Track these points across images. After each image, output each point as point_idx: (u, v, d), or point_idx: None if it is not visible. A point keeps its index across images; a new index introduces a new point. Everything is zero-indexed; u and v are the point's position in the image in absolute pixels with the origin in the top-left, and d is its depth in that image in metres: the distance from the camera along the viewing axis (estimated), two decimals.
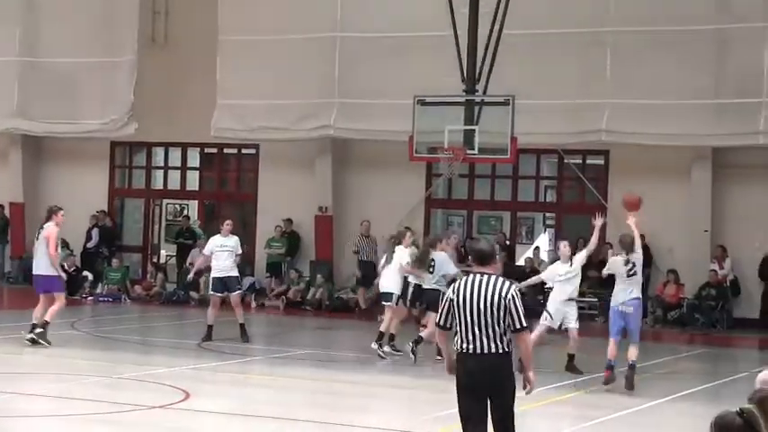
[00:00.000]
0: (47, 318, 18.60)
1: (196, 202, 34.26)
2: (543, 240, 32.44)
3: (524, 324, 8.76)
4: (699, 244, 26.86)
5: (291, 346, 20.93)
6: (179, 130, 31.00)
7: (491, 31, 24.23)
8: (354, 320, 26.57)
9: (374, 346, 18.90)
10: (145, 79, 30.14)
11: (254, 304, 28.18)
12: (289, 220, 30.04)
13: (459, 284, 8.90)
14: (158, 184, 33.47)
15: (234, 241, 20.79)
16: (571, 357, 17.83)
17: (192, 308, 28.34)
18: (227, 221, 21.22)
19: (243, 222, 31.64)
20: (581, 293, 27.92)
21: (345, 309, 28.06)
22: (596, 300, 27.49)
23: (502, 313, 8.67)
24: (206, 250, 20.88)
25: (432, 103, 24.23)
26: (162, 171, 33.40)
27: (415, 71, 26.76)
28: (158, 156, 33.33)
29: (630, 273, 16.30)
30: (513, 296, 8.72)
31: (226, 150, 32.47)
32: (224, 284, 20.45)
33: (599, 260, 27.99)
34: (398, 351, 19.04)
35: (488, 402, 8.73)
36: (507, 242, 29.43)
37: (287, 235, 30.01)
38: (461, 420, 8.83)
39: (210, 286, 20.91)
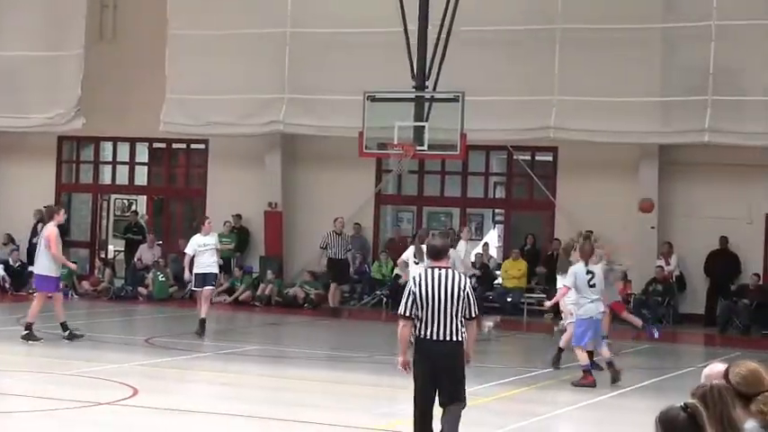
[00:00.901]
0: (59, 319, 18.97)
1: (145, 197, 34.06)
2: (492, 236, 32.58)
3: (476, 313, 9.95)
4: (646, 240, 27.10)
5: (241, 343, 20.90)
6: (127, 124, 30.80)
7: (441, 28, 24.33)
8: (304, 317, 26.55)
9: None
10: (93, 73, 29.92)
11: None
12: (238, 216, 29.96)
13: (421, 278, 9.84)
14: (106, 179, 33.26)
15: (215, 238, 21.51)
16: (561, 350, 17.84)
17: (140, 303, 28.25)
18: (208, 220, 21.78)
19: (192, 218, 31.52)
20: (530, 289, 28.21)
21: (294, 305, 28.03)
22: (545, 296, 27.62)
23: (460, 303, 9.75)
24: (188, 250, 21.16)
25: (382, 100, 24.26)
26: (110, 166, 33.20)
27: (366, 67, 26.78)
28: (106, 150, 33.11)
29: (591, 283, 16.33)
30: (470, 288, 9.92)
31: (175, 145, 32.32)
32: (203, 279, 20.75)
33: (547, 255, 28.25)
34: None
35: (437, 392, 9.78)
36: (458, 238, 29.48)
37: (236, 231, 29.93)
38: (417, 411, 9.77)
39: (193, 282, 21.34)
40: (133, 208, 33.78)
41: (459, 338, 9.78)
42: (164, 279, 29.06)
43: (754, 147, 25.55)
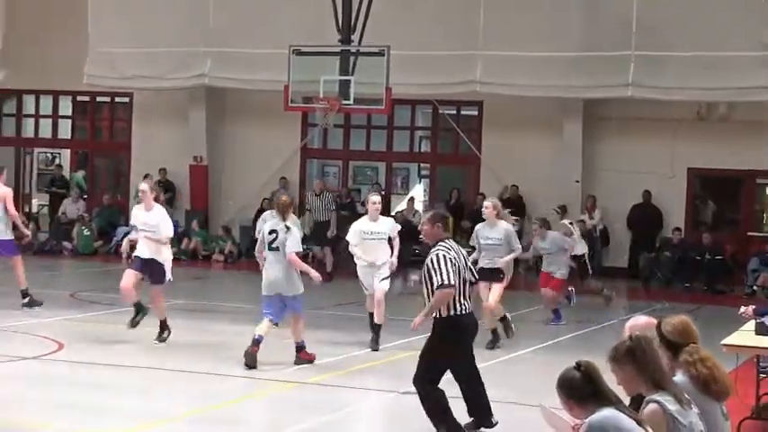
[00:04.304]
0: (21, 286, 18.08)
1: (68, 150, 33.73)
2: (418, 191, 32.69)
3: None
4: (570, 194, 27.35)
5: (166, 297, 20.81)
6: (51, 78, 30.43)
7: None
8: (229, 270, 26.52)
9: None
10: (14, 25, 29.49)
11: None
12: (163, 170, 29.77)
13: (452, 247, 10.12)
14: (29, 132, 32.85)
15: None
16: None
17: (65, 258, 28.03)
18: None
19: (116, 172, 31.32)
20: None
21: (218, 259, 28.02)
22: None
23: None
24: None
25: (307, 53, 24.16)
26: (33, 119, 32.79)
27: (291, 21, 26.68)
28: (29, 104, 32.69)
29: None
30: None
31: (99, 99, 31.98)
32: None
33: (473, 209, 28.37)
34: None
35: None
36: (383, 192, 29.60)
37: (161, 185, 29.71)
38: (436, 376, 10.09)
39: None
40: (57, 162, 33.43)
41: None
42: (88, 234, 28.85)
43: (676, 101, 25.86)
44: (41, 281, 21.73)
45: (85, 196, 31.13)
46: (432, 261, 9.95)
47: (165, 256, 15.10)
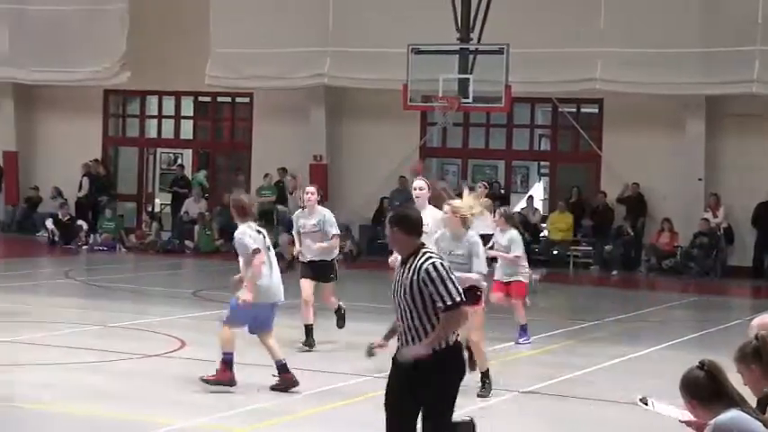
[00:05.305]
0: None
1: (190, 150, 34.21)
2: (538, 189, 32.46)
3: None
4: (693, 192, 26.88)
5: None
6: (173, 78, 30.89)
7: None
8: (351, 270, 26.61)
9: None
10: (138, 28, 29.99)
11: None
12: (283, 169, 30.00)
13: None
14: (152, 132, 33.41)
15: None
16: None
17: (186, 257, 28.40)
18: None
19: (236, 171, 31.65)
20: (575, 242, 28.10)
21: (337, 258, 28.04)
22: (591, 248, 27.67)
23: None
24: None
25: (426, 52, 24.19)
26: (156, 120, 33.33)
27: (410, 19, 26.67)
28: (152, 104, 33.25)
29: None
30: None
31: (219, 99, 32.38)
32: None
33: (593, 208, 28.12)
34: None
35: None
36: (502, 191, 29.48)
37: (281, 184, 29.95)
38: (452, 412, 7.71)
39: None
40: (179, 161, 33.93)
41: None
42: (209, 233, 29.19)
43: None
44: (164, 279, 22.07)
45: (206, 195, 31.52)
46: (428, 273, 7.45)
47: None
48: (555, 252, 27.84)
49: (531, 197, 30.33)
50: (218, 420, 10.62)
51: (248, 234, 11.77)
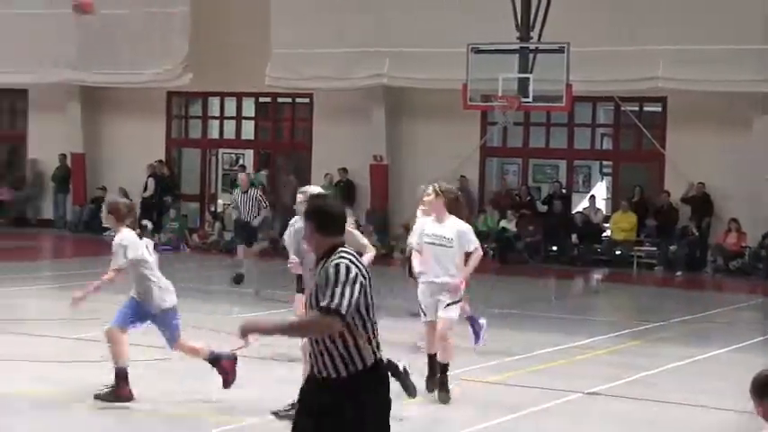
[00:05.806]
0: None
1: (251, 151, 34.40)
2: (600, 189, 32.26)
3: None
4: (760, 192, 26.48)
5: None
6: (234, 79, 31.07)
7: None
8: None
9: None
10: (199, 30, 30.21)
11: None
12: (344, 170, 30.08)
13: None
14: (214, 133, 33.65)
15: None
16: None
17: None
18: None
19: (297, 171, 31.75)
20: (639, 242, 27.86)
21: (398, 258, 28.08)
22: (655, 249, 27.45)
23: None
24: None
25: (486, 51, 24.14)
26: (218, 121, 33.56)
27: (470, 19, 26.62)
28: (214, 105, 33.48)
29: None
30: None
31: (280, 100, 32.52)
32: None
33: (656, 207, 27.88)
34: None
35: None
36: (563, 190, 29.35)
37: (341, 184, 29.99)
38: None
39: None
40: (240, 162, 34.08)
41: None
42: (271, 231, 29.24)
43: None
44: (227, 278, 22.20)
45: None
46: (327, 272, 6.21)
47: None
48: (618, 252, 27.64)
49: (593, 197, 30.15)
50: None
51: (127, 244, 11.31)
